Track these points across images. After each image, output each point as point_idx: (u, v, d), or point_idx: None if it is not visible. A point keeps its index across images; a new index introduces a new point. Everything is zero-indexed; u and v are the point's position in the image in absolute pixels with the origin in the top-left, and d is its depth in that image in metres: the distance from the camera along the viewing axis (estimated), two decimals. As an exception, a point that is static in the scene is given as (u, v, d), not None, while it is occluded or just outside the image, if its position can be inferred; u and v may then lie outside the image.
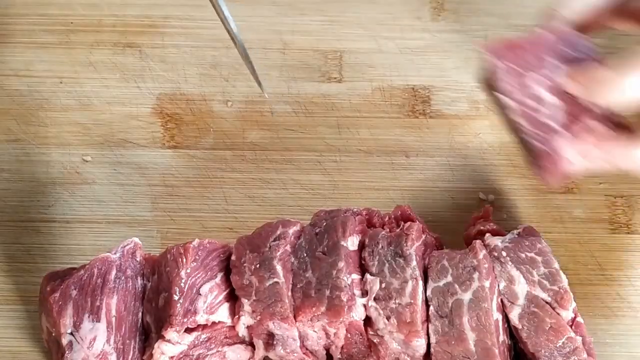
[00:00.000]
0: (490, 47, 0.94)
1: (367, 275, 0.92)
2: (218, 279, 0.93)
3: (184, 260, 0.92)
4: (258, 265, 0.92)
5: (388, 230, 0.95)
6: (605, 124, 0.90)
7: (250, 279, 0.92)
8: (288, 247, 0.93)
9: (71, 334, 0.91)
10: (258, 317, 0.91)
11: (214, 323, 0.92)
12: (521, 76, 0.92)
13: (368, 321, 0.91)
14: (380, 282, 0.91)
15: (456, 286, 0.91)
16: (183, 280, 0.91)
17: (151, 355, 0.91)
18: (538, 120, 0.91)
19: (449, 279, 0.91)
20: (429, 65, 1.11)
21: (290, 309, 0.91)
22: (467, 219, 0.99)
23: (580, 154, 0.90)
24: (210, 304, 0.92)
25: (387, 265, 0.92)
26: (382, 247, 0.93)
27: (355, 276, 0.92)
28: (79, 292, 0.92)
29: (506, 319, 0.92)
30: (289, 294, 0.92)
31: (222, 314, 0.92)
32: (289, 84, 1.12)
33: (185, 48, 1.15)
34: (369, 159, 1.08)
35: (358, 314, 0.91)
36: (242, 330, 0.92)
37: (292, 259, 0.93)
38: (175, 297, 0.91)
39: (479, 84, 0.97)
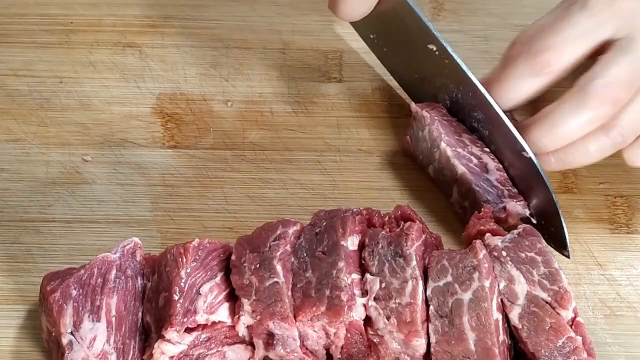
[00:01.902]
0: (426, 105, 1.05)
1: (367, 275, 0.92)
2: (218, 279, 0.93)
3: (184, 260, 0.92)
4: (258, 265, 0.92)
5: (388, 230, 0.95)
6: None
7: (250, 279, 0.92)
8: (288, 247, 0.93)
9: (71, 333, 0.91)
10: (258, 317, 0.91)
11: (214, 323, 0.92)
12: (457, 134, 1.03)
13: (368, 321, 0.91)
14: (380, 282, 0.91)
15: (456, 286, 0.91)
16: (183, 280, 0.91)
17: (151, 355, 0.91)
18: (486, 179, 1.01)
19: (449, 278, 0.91)
20: (429, 65, 1.11)
21: (290, 309, 0.91)
22: (467, 219, 0.99)
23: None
24: (210, 303, 0.92)
25: (387, 265, 0.92)
26: (382, 246, 0.93)
27: (355, 276, 0.92)
28: (79, 292, 0.92)
29: (506, 318, 0.92)
30: (289, 293, 0.92)
31: (222, 313, 0.92)
32: (289, 84, 1.12)
33: (185, 48, 1.15)
34: (369, 159, 1.08)
35: (358, 314, 0.91)
36: (242, 330, 0.92)
37: (292, 259, 0.93)
38: (175, 297, 0.90)
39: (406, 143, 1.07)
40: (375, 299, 0.91)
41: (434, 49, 1.01)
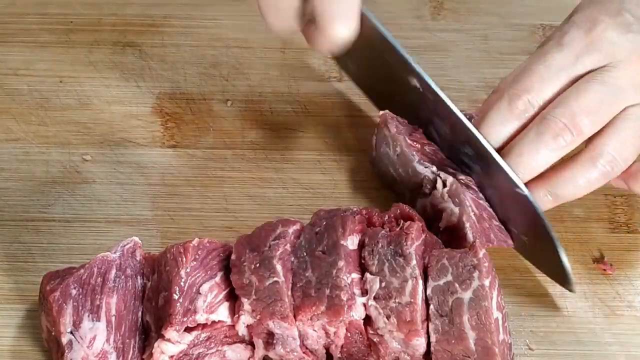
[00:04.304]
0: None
1: (367, 275, 0.92)
2: (218, 278, 0.93)
3: (184, 259, 0.92)
4: (258, 265, 0.92)
5: (388, 229, 0.95)
6: None
7: (250, 278, 0.92)
8: (288, 247, 0.93)
9: (71, 333, 0.91)
10: (258, 317, 0.91)
11: (213, 322, 0.92)
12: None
13: (368, 320, 0.91)
14: (380, 281, 0.91)
15: (456, 285, 0.91)
16: (183, 280, 0.91)
17: (151, 354, 0.91)
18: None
19: (449, 277, 0.91)
20: (429, 64, 1.10)
21: (290, 308, 0.91)
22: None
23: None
24: (210, 303, 0.92)
25: (387, 264, 0.92)
26: (381, 246, 0.93)
27: (355, 275, 0.92)
28: (79, 291, 0.92)
29: (506, 317, 0.92)
30: (289, 293, 0.92)
31: (222, 313, 0.92)
32: (288, 83, 1.13)
33: (185, 47, 1.15)
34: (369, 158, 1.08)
35: (358, 313, 0.91)
36: (242, 330, 0.92)
37: (292, 258, 0.93)
38: (175, 297, 0.90)
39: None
40: (375, 298, 0.91)
41: (417, 85, 0.99)
